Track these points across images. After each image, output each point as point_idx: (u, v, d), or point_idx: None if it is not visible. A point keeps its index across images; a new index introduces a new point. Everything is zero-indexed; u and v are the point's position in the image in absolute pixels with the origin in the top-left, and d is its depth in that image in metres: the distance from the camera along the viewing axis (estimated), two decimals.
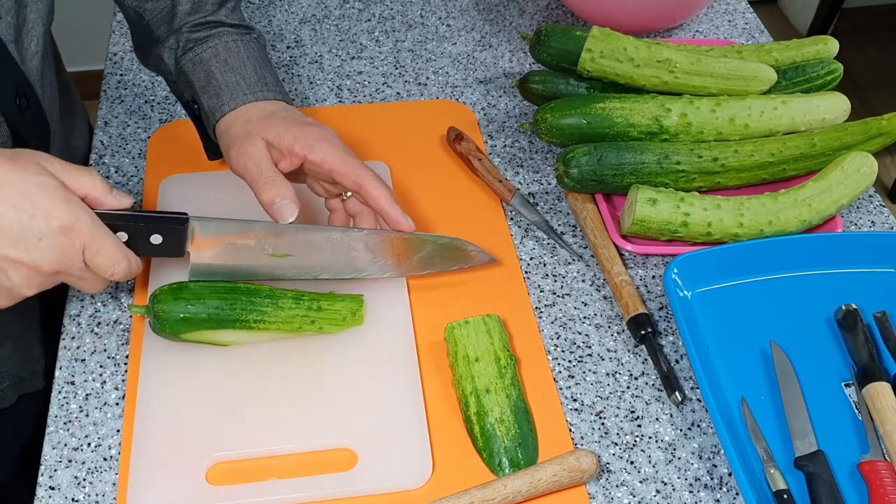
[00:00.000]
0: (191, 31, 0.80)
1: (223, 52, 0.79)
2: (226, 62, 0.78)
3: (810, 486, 0.68)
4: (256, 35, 0.83)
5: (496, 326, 0.74)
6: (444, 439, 0.70)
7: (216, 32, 0.80)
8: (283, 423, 0.70)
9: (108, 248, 0.63)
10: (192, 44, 0.80)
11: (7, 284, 0.60)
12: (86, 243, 0.61)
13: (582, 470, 0.67)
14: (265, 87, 0.78)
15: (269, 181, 0.72)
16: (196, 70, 0.79)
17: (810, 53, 0.97)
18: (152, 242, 0.67)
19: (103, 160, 0.92)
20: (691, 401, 0.75)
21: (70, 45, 1.86)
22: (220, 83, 0.77)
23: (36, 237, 0.59)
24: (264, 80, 0.79)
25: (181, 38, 0.80)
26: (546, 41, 0.93)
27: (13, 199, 0.58)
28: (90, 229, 0.61)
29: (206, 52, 0.79)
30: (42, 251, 0.59)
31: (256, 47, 0.82)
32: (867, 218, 0.91)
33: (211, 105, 0.77)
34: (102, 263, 0.63)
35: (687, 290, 0.81)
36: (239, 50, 0.79)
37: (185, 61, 0.80)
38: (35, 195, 0.59)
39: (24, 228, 0.58)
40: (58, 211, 0.59)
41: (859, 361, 0.75)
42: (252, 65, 0.79)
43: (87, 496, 0.67)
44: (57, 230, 0.59)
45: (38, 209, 0.59)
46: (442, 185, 0.91)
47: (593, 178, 0.84)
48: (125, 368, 0.74)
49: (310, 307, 0.73)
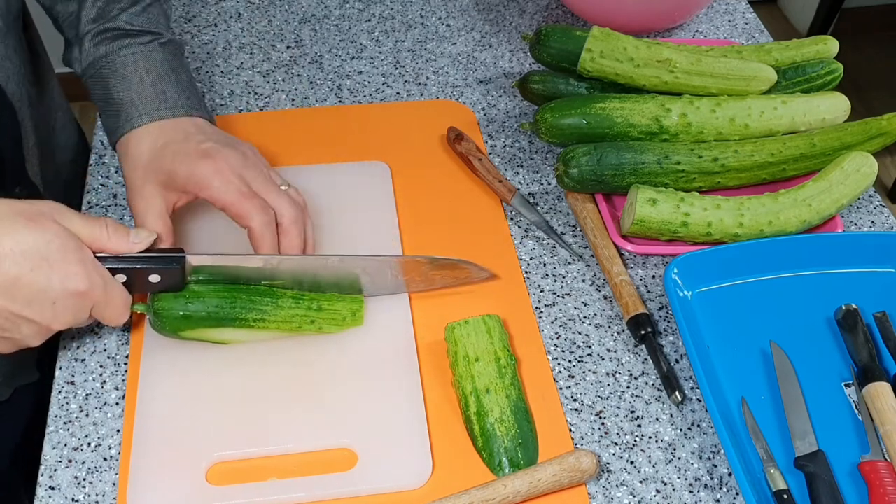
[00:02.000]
0: (92, 43, 0.79)
1: (121, 69, 0.77)
2: (123, 79, 0.77)
3: (810, 486, 0.68)
4: (164, 41, 0.81)
5: (496, 326, 0.74)
6: (444, 439, 0.70)
7: (115, 46, 0.78)
8: (283, 422, 0.70)
9: (114, 304, 0.66)
10: (91, 58, 0.79)
11: (17, 337, 0.64)
12: (96, 302, 0.65)
13: (582, 470, 0.67)
14: (162, 105, 0.76)
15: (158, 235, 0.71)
16: (96, 87, 0.79)
17: (810, 53, 0.97)
18: (151, 281, 0.69)
19: (103, 160, 0.92)
20: (691, 401, 0.75)
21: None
22: (116, 102, 0.77)
23: (51, 301, 0.62)
24: (163, 96, 0.76)
25: (84, 51, 0.80)
26: (546, 41, 0.93)
27: (33, 262, 0.60)
28: (102, 291, 0.64)
29: (105, 69, 0.78)
30: (56, 313, 0.63)
31: (161, 57, 0.79)
32: (867, 218, 0.91)
33: (108, 125, 0.77)
34: (107, 317, 0.67)
35: (687, 290, 0.81)
36: (137, 65, 0.78)
37: (86, 77, 0.80)
38: (53, 259, 0.61)
39: (41, 291, 0.61)
40: (74, 276, 0.62)
41: (859, 361, 0.75)
42: (151, 80, 0.77)
43: (87, 496, 0.67)
44: (72, 294, 0.62)
45: (56, 273, 0.61)
46: (442, 185, 0.91)
47: (593, 178, 0.84)
48: (125, 368, 0.74)
49: (310, 307, 0.73)
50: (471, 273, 0.79)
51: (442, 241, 0.85)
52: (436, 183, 0.91)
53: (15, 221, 0.60)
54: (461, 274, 0.79)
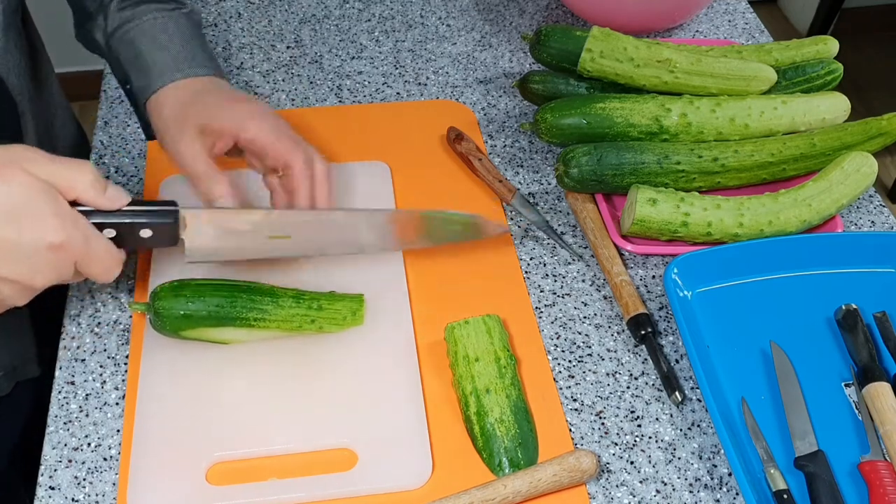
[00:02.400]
0: (118, 9, 0.80)
1: (150, 30, 0.78)
2: (153, 39, 0.78)
3: (810, 486, 0.68)
4: (188, 10, 0.82)
5: (496, 326, 0.74)
6: (444, 439, 0.70)
7: (142, 9, 0.79)
8: (283, 422, 0.70)
9: (100, 257, 0.61)
10: (119, 22, 0.80)
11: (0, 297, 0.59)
12: (78, 257, 0.60)
13: (582, 470, 0.67)
14: (194, 63, 0.77)
15: (205, 176, 0.71)
16: (125, 49, 0.79)
17: (810, 53, 0.97)
18: (142, 236, 0.65)
19: (103, 160, 0.92)
20: (691, 401, 0.75)
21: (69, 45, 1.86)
22: (147, 61, 0.77)
23: (26, 256, 0.57)
24: (193, 54, 0.78)
25: (109, 17, 0.80)
26: (546, 41, 0.93)
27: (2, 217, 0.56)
28: (82, 243, 0.59)
29: (134, 31, 0.79)
30: (33, 269, 0.58)
31: (186, 23, 0.81)
32: (867, 218, 0.91)
33: (140, 84, 0.77)
34: (94, 272, 0.62)
35: (687, 290, 0.81)
36: (166, 26, 0.79)
37: (114, 41, 0.80)
38: (23, 213, 0.56)
39: (14, 247, 0.56)
40: (48, 228, 0.57)
41: (859, 361, 0.75)
42: (180, 40, 0.78)
43: (87, 496, 0.67)
44: (48, 248, 0.58)
45: (28, 227, 0.56)
46: (442, 185, 0.91)
47: (593, 178, 0.84)
48: (125, 368, 0.74)
49: (310, 306, 0.73)
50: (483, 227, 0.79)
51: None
52: (436, 183, 0.91)
53: None
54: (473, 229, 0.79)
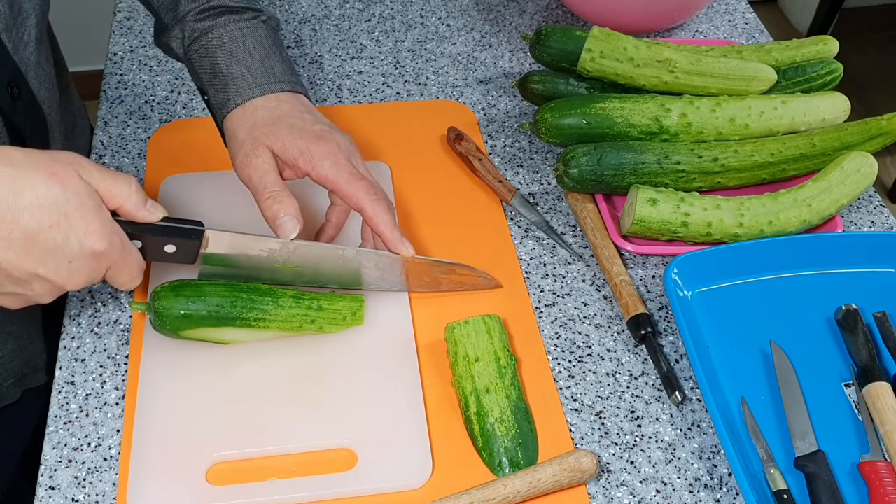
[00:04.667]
0: (195, 19, 0.79)
1: (229, 43, 0.77)
2: (231, 53, 0.77)
3: (810, 486, 0.68)
4: (265, 17, 0.81)
5: (496, 326, 0.74)
6: (444, 439, 0.70)
7: (220, 21, 0.78)
8: (283, 422, 0.70)
9: (129, 268, 0.64)
10: (197, 34, 0.78)
11: (29, 294, 0.61)
12: (112, 264, 0.62)
13: (582, 470, 0.67)
14: (272, 79, 0.76)
15: (272, 196, 0.71)
16: (202, 62, 0.78)
17: (810, 53, 0.97)
18: (166, 251, 0.67)
19: (103, 160, 0.92)
20: (691, 401, 0.75)
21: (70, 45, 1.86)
22: (225, 76, 0.76)
23: (67, 259, 0.59)
24: (271, 70, 0.77)
25: (186, 28, 0.79)
26: (546, 41, 0.93)
27: (52, 218, 0.57)
28: (119, 252, 0.62)
29: (212, 44, 0.77)
30: (71, 272, 0.60)
31: (265, 33, 0.79)
32: (867, 218, 0.91)
33: (218, 99, 0.76)
34: (120, 280, 0.64)
35: (687, 290, 0.81)
36: (245, 39, 0.78)
37: (191, 53, 0.79)
38: (73, 217, 0.58)
39: (58, 249, 0.58)
40: (93, 236, 0.59)
41: (859, 361, 0.75)
42: (259, 54, 0.77)
43: (87, 496, 0.67)
44: (89, 254, 0.60)
45: (74, 231, 0.58)
46: (442, 185, 0.91)
47: (593, 178, 0.84)
48: (125, 368, 0.74)
49: (310, 306, 0.73)
50: (479, 281, 0.80)
51: (442, 241, 0.85)
52: (436, 183, 0.91)
53: (35, 174, 0.57)
54: (469, 280, 0.79)
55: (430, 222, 0.87)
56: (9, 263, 0.57)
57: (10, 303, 0.62)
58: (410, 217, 0.87)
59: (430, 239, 0.85)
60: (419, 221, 0.86)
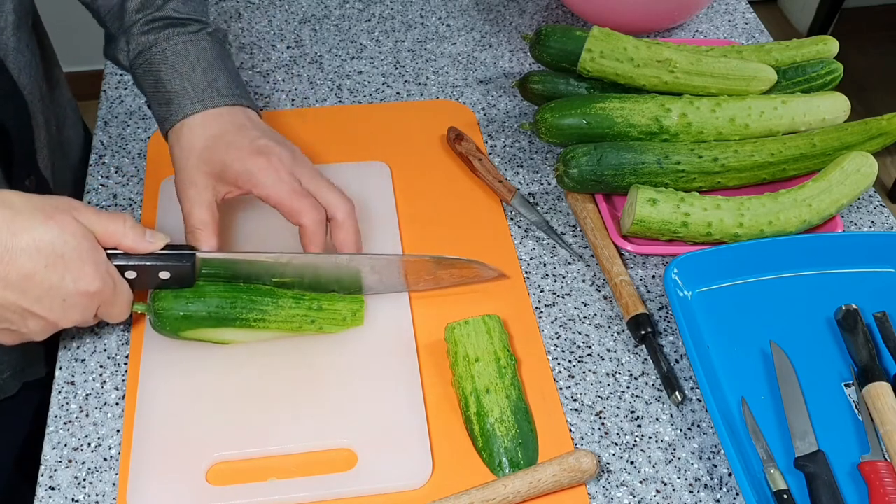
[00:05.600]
0: (140, 32, 0.79)
1: (172, 57, 0.77)
2: (174, 68, 0.76)
3: (810, 486, 0.68)
4: (211, 30, 0.80)
5: (496, 326, 0.74)
6: (444, 439, 0.70)
7: (164, 35, 0.78)
8: (283, 422, 0.70)
9: (120, 305, 0.67)
10: (141, 47, 0.78)
11: (24, 331, 0.64)
12: (103, 302, 0.65)
13: (582, 470, 0.67)
14: (215, 93, 0.75)
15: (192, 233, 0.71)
16: (146, 77, 0.78)
17: (810, 53, 0.97)
18: (161, 278, 0.69)
19: (103, 160, 0.92)
20: (691, 401, 0.75)
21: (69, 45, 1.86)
22: (168, 91, 0.76)
23: (61, 298, 0.62)
24: (214, 84, 0.76)
25: (131, 41, 0.79)
26: (546, 41, 0.93)
27: (48, 259, 0.60)
28: (112, 292, 0.65)
29: (156, 58, 0.77)
30: (65, 311, 0.63)
31: (209, 46, 0.79)
32: (867, 218, 0.91)
33: (161, 114, 0.76)
34: (111, 316, 0.68)
35: (687, 290, 0.81)
36: (188, 53, 0.77)
37: (136, 67, 0.79)
38: (69, 259, 0.61)
39: (52, 289, 0.61)
40: (87, 277, 0.62)
41: (859, 361, 0.75)
42: (202, 67, 0.77)
43: (87, 496, 0.67)
44: (82, 293, 0.63)
45: (69, 272, 0.61)
46: (442, 185, 0.91)
47: (593, 178, 0.84)
48: (125, 368, 0.74)
49: (310, 307, 0.73)
50: (479, 272, 0.79)
51: (442, 241, 0.85)
52: (436, 183, 0.91)
53: (33, 217, 0.60)
54: (469, 273, 0.79)
55: (430, 222, 0.87)
56: (5, 301, 0.60)
57: (4, 339, 0.65)
58: (410, 217, 0.87)
59: (430, 239, 0.85)
60: (419, 221, 0.86)
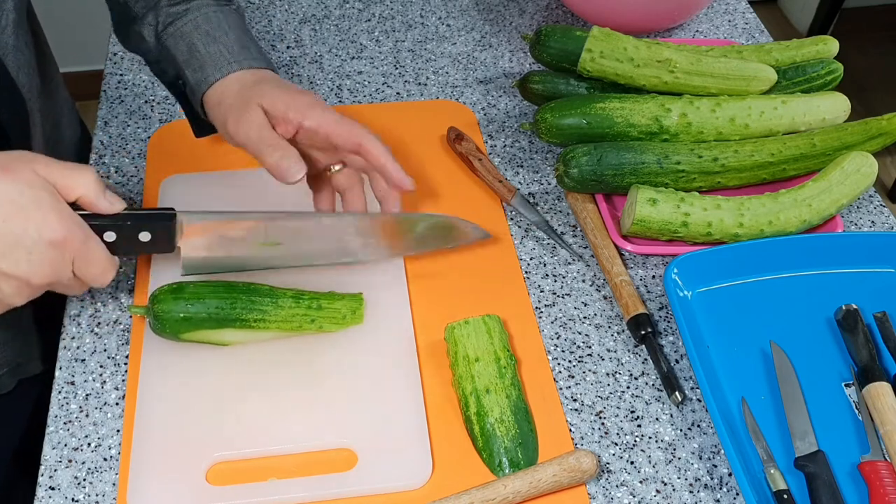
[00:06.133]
0: (169, 5, 0.80)
1: (204, 24, 0.78)
2: (207, 33, 0.78)
3: (810, 486, 0.68)
4: (235, 6, 0.83)
5: (496, 326, 0.74)
6: (444, 439, 0.70)
7: (194, 5, 0.80)
8: (283, 423, 0.70)
9: (97, 259, 0.63)
10: (171, 18, 0.79)
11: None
12: (76, 255, 0.61)
13: (582, 470, 0.67)
14: (249, 56, 0.78)
15: (273, 145, 0.71)
16: (178, 44, 0.79)
17: (810, 53, 0.97)
18: (141, 240, 0.66)
19: (103, 160, 0.92)
20: (691, 401, 0.75)
21: (69, 45, 1.86)
22: (203, 55, 0.77)
23: (27, 251, 0.59)
24: (247, 48, 0.78)
25: (160, 14, 0.80)
26: (546, 41, 0.93)
27: (5, 212, 0.57)
28: (82, 242, 0.61)
29: (187, 26, 0.79)
30: (32, 265, 0.59)
31: (236, 18, 0.81)
32: (867, 218, 0.91)
33: (196, 78, 0.77)
34: (90, 273, 0.63)
35: (687, 290, 0.81)
36: (220, 20, 0.79)
37: (166, 36, 0.80)
38: (28, 209, 0.58)
39: (16, 242, 0.58)
40: (50, 225, 0.59)
41: (859, 361, 0.75)
42: (235, 34, 0.79)
43: (87, 496, 0.67)
44: (48, 244, 0.59)
45: (31, 223, 0.58)
46: (442, 185, 0.91)
47: (593, 178, 0.84)
48: (125, 368, 0.74)
49: (310, 306, 0.73)
50: (468, 232, 0.80)
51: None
52: (436, 183, 0.91)
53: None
54: (455, 234, 0.79)
55: None
56: None
57: None
58: None
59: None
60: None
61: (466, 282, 0.81)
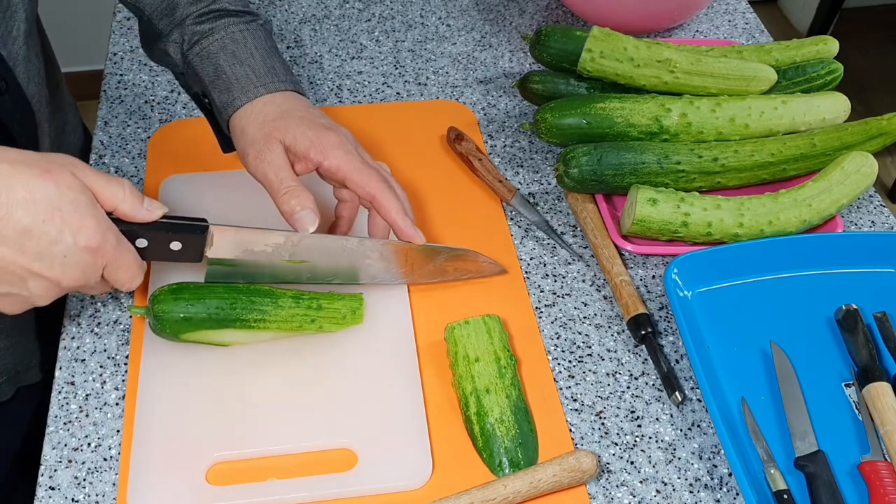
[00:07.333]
0: (195, 22, 0.79)
1: (230, 45, 0.78)
2: (234, 54, 0.77)
3: (810, 486, 0.68)
4: (262, 22, 0.82)
5: (496, 326, 0.74)
6: (444, 439, 0.70)
7: (221, 24, 0.79)
8: (283, 423, 0.70)
9: (127, 265, 0.63)
10: (197, 37, 0.79)
11: (25, 294, 0.61)
12: (108, 261, 0.62)
13: (582, 470, 0.67)
14: (276, 78, 0.77)
15: (289, 191, 0.71)
16: (204, 65, 0.78)
17: (810, 53, 0.97)
18: (171, 248, 0.67)
19: (103, 160, 0.92)
20: (691, 401, 0.75)
21: (69, 45, 1.86)
22: (229, 77, 0.76)
23: (62, 254, 0.59)
24: (274, 70, 0.77)
25: (186, 32, 0.79)
26: (546, 41, 0.93)
27: (45, 213, 0.58)
28: (115, 248, 0.62)
29: (213, 45, 0.78)
30: (65, 267, 0.60)
31: (263, 35, 0.80)
32: (867, 218, 0.91)
33: (222, 100, 0.77)
34: (120, 279, 0.64)
35: (687, 290, 0.81)
36: (246, 41, 0.78)
37: (192, 56, 0.79)
38: (66, 211, 0.59)
39: (52, 244, 0.59)
40: (86, 230, 0.60)
41: (859, 361, 0.75)
42: (261, 55, 0.78)
43: (87, 496, 0.67)
44: (83, 248, 0.60)
45: (68, 226, 0.59)
46: (442, 185, 0.91)
47: (593, 178, 0.84)
48: (125, 368, 0.74)
49: (310, 306, 0.73)
50: (484, 267, 0.80)
51: (442, 241, 0.85)
52: (436, 183, 0.91)
53: (28, 171, 0.58)
54: (473, 267, 0.79)
55: (430, 222, 0.87)
56: (4, 260, 0.58)
57: (8, 305, 0.62)
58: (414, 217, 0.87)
59: (430, 239, 0.85)
60: (419, 221, 0.86)
61: (466, 282, 0.81)
